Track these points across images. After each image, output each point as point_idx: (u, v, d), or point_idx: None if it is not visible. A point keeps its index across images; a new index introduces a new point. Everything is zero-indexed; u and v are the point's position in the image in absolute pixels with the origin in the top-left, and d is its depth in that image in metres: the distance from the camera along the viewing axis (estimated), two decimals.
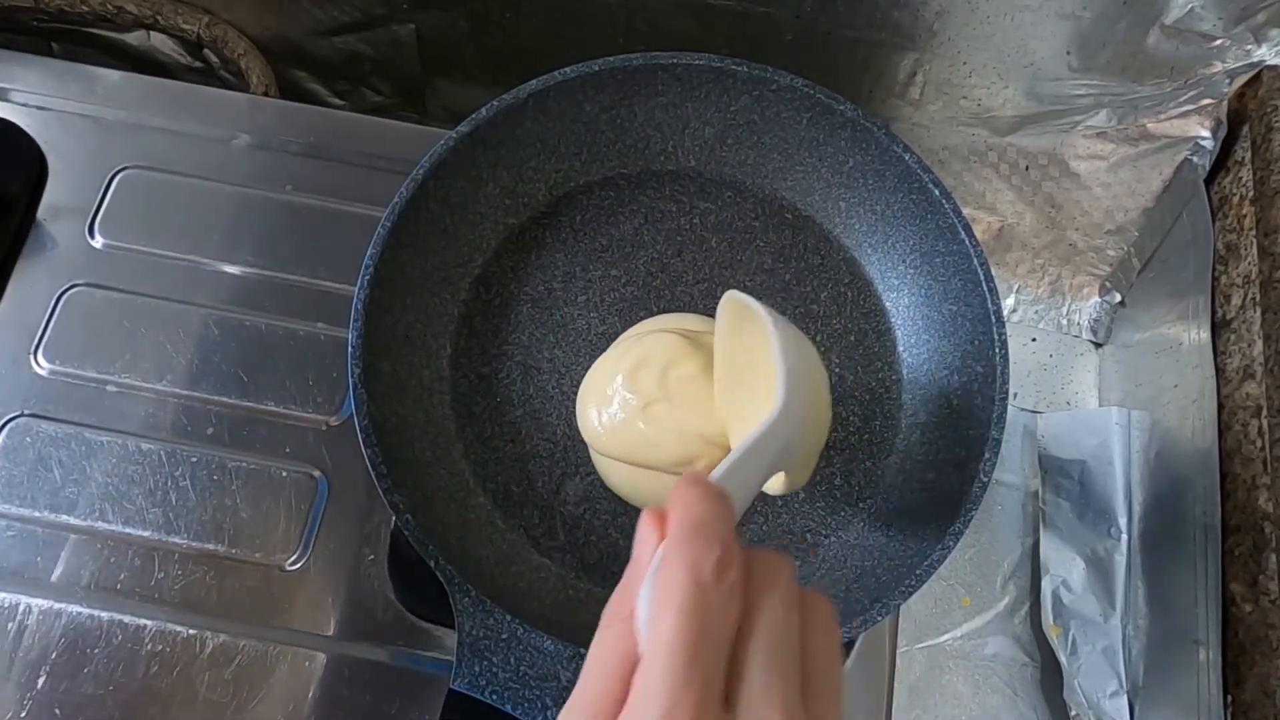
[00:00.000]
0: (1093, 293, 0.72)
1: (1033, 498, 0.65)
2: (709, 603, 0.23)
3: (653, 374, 0.42)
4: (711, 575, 0.23)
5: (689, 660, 0.22)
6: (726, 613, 0.23)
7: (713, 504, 0.25)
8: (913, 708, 0.61)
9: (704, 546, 0.24)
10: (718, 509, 0.25)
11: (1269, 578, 0.49)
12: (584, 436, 0.46)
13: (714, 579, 0.23)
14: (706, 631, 0.23)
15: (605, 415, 0.43)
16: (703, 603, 0.23)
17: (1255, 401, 0.53)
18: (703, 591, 0.23)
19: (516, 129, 0.48)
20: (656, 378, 0.42)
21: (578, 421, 0.46)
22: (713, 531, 0.24)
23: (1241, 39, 0.55)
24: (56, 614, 0.45)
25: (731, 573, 0.23)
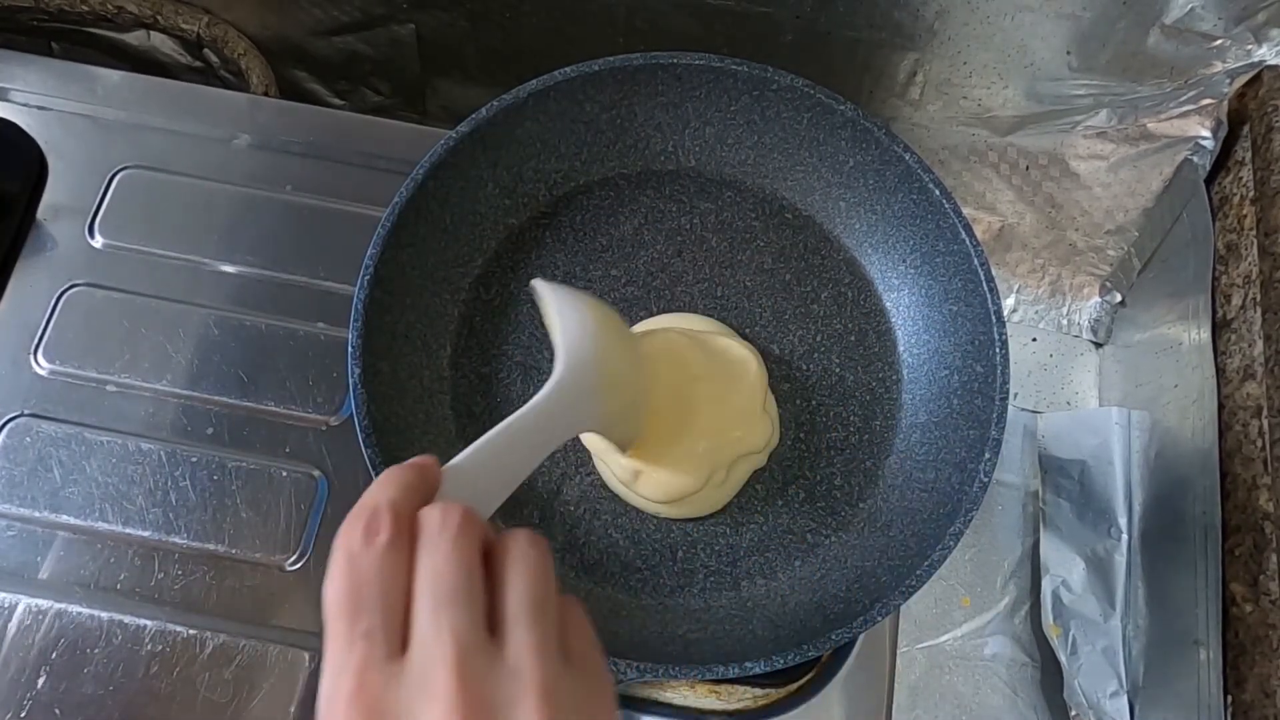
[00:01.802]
0: (1093, 293, 0.72)
1: (1033, 498, 0.65)
2: (359, 566, 0.25)
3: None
4: (359, 542, 0.25)
5: (347, 621, 0.24)
6: (383, 570, 0.25)
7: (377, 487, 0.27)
8: (913, 708, 0.61)
9: (354, 520, 0.26)
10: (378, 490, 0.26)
11: (1269, 578, 0.49)
12: (583, 443, 0.46)
13: (362, 545, 0.25)
14: (360, 590, 0.24)
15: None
16: (352, 568, 0.25)
17: (1255, 401, 0.53)
18: (351, 558, 0.25)
19: (516, 129, 0.48)
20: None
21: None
22: (365, 505, 0.26)
23: (1241, 39, 0.55)
24: (57, 614, 0.45)
25: (381, 536, 0.25)
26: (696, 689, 0.46)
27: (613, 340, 0.38)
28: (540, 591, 0.26)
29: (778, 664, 0.39)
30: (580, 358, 0.35)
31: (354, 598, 0.24)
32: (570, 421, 0.35)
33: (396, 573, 0.25)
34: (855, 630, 0.39)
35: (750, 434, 0.44)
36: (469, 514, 0.26)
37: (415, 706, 0.23)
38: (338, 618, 0.24)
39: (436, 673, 0.23)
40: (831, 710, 0.46)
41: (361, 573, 0.25)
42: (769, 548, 0.45)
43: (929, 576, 0.40)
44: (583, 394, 0.35)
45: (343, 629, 0.24)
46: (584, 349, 0.35)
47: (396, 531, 0.25)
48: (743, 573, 0.45)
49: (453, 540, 0.25)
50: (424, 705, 0.23)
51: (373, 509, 0.26)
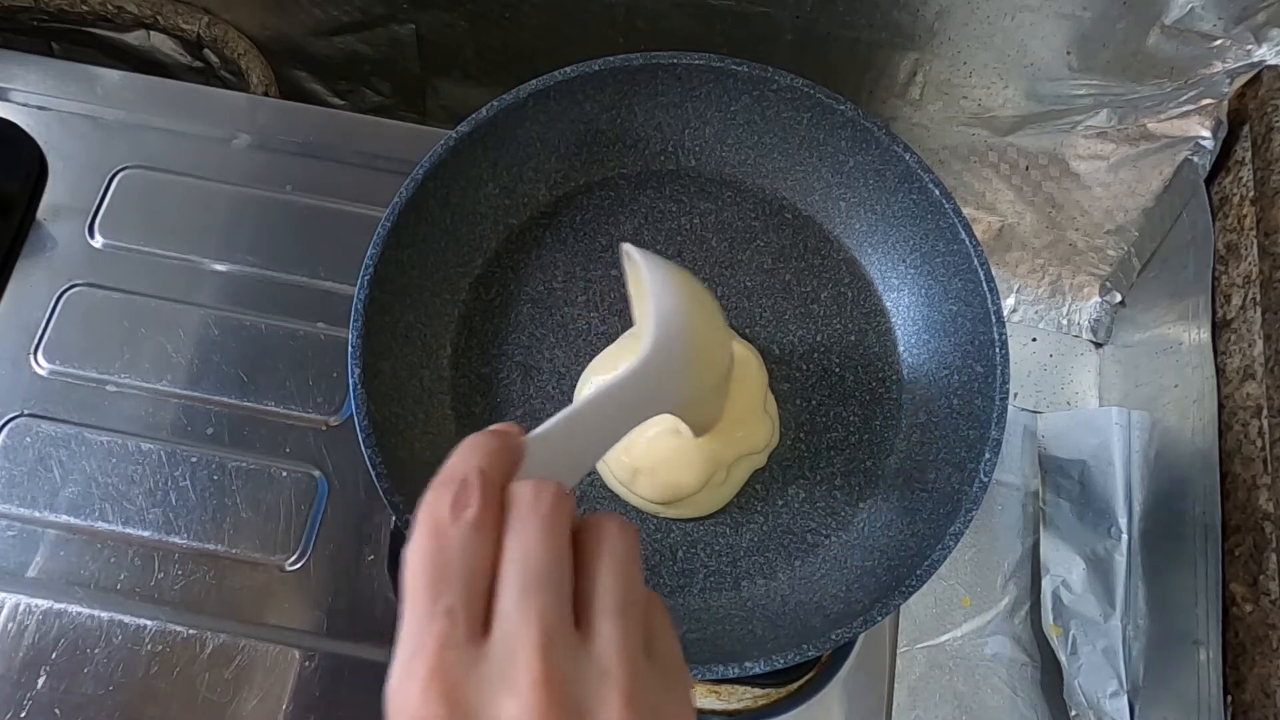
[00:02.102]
0: (1093, 293, 0.72)
1: (1033, 498, 0.65)
2: (445, 539, 0.23)
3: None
4: (447, 514, 0.24)
5: (429, 595, 0.23)
6: (469, 546, 0.23)
7: (462, 456, 0.25)
8: (913, 708, 0.61)
9: (441, 490, 0.24)
10: (464, 458, 0.25)
11: (1269, 578, 0.49)
12: None
13: (450, 517, 0.24)
14: (444, 565, 0.23)
15: None
16: (437, 540, 0.23)
17: (1255, 401, 0.53)
18: (437, 530, 0.24)
19: (516, 129, 0.48)
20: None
21: None
22: (453, 474, 0.25)
23: (1241, 39, 0.55)
24: (57, 614, 0.45)
25: (470, 510, 0.24)
26: (696, 689, 0.46)
27: (705, 317, 0.37)
28: (631, 584, 0.25)
29: (778, 664, 0.39)
30: (671, 333, 0.33)
31: (438, 572, 0.23)
32: (656, 399, 0.33)
33: (483, 549, 0.24)
34: (855, 630, 0.39)
35: (750, 434, 0.44)
36: (561, 493, 0.25)
37: (494, 695, 0.22)
38: (419, 592, 0.23)
39: (520, 661, 0.22)
40: (831, 710, 0.46)
41: (447, 546, 0.23)
42: (769, 548, 0.45)
43: (929, 576, 0.40)
44: (671, 371, 0.33)
45: (423, 604, 0.23)
46: (676, 324, 0.34)
47: (485, 505, 0.24)
48: (743, 573, 0.45)
49: (544, 520, 0.24)
50: (504, 694, 0.22)
51: (461, 479, 0.24)
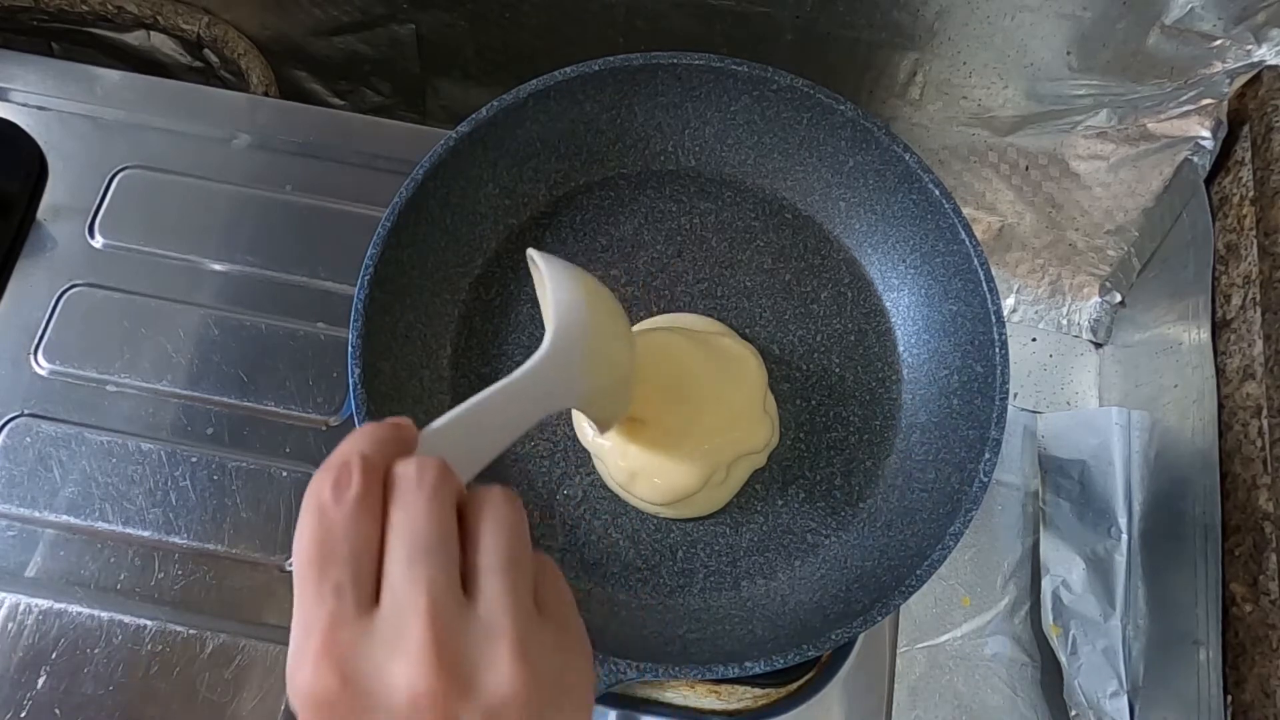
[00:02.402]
0: (1093, 293, 0.72)
1: (1033, 498, 0.65)
2: (329, 520, 0.24)
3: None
4: (329, 496, 0.24)
5: (316, 575, 0.23)
6: (352, 524, 0.24)
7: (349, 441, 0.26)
8: (913, 708, 0.61)
9: (323, 474, 0.25)
10: (352, 442, 0.26)
11: (1269, 578, 0.49)
12: (582, 443, 0.46)
13: (332, 498, 0.24)
14: (329, 545, 0.24)
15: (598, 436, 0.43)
16: (321, 522, 0.24)
17: (1255, 401, 0.53)
18: (321, 511, 0.24)
19: (516, 129, 0.48)
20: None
21: (574, 429, 0.46)
22: (336, 458, 0.25)
23: (1241, 39, 0.55)
24: (57, 614, 0.45)
25: (350, 490, 0.24)
26: (696, 689, 0.46)
27: (604, 316, 0.37)
28: (514, 547, 0.25)
29: (778, 664, 0.39)
30: (569, 331, 0.34)
31: (323, 551, 0.24)
32: (554, 395, 0.34)
33: (368, 527, 0.24)
34: (855, 630, 0.39)
35: (750, 434, 0.44)
36: (444, 468, 0.25)
37: (386, 662, 0.23)
38: (306, 571, 0.24)
39: (409, 627, 0.23)
40: (831, 710, 0.46)
41: (331, 526, 0.24)
42: (769, 548, 0.45)
43: (929, 576, 0.40)
44: (569, 367, 0.34)
45: (311, 584, 0.24)
46: (574, 322, 0.35)
47: (368, 485, 0.25)
48: (742, 573, 0.45)
49: (428, 494, 0.25)
50: (395, 660, 0.23)
51: (343, 462, 0.25)
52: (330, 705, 0.23)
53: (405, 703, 0.22)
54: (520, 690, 0.23)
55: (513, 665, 0.23)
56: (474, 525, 0.25)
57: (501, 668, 0.23)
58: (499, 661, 0.23)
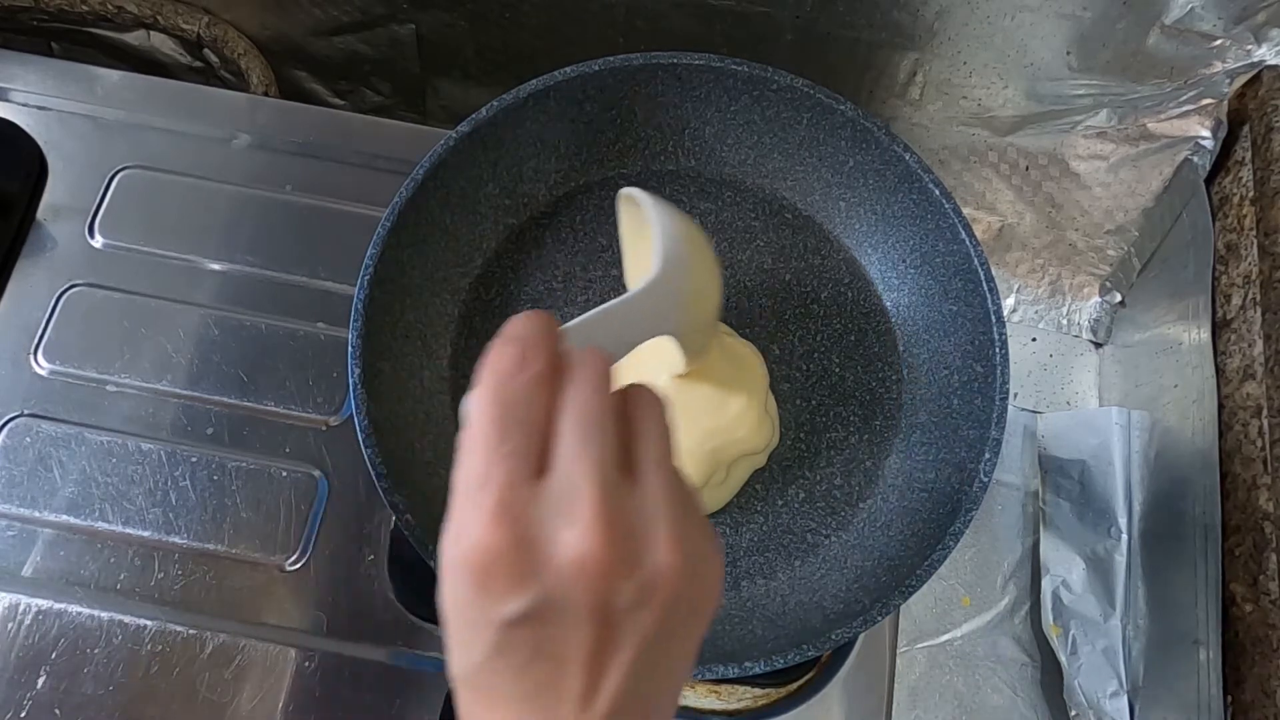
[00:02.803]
0: (1093, 293, 0.72)
1: (1033, 498, 0.65)
2: (511, 389, 0.25)
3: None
4: (512, 366, 0.25)
5: (496, 437, 0.24)
6: (532, 396, 0.25)
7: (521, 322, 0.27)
8: (913, 708, 0.61)
9: (504, 347, 0.26)
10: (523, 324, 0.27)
11: (1269, 578, 0.49)
12: None
13: (514, 369, 0.25)
14: (510, 412, 0.25)
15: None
16: (503, 390, 0.25)
17: (1255, 401, 0.53)
18: (503, 379, 0.25)
19: (516, 129, 0.48)
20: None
21: None
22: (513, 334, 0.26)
23: (1241, 39, 0.55)
24: (57, 614, 0.45)
25: (533, 365, 0.26)
26: (696, 689, 0.46)
27: (702, 253, 0.39)
28: (669, 443, 0.27)
29: (777, 664, 0.39)
30: (675, 262, 0.36)
31: (504, 417, 0.25)
32: (657, 319, 0.36)
33: (543, 401, 0.25)
34: (855, 630, 0.39)
35: (750, 434, 0.44)
36: (608, 360, 0.27)
37: (556, 524, 0.24)
38: (486, 434, 0.25)
39: (580, 497, 0.24)
40: (831, 710, 0.46)
41: (514, 394, 0.25)
42: (769, 548, 0.45)
43: (929, 576, 0.40)
44: (671, 295, 0.36)
45: (490, 445, 0.24)
46: (679, 255, 0.36)
47: (548, 364, 0.26)
48: (742, 573, 0.45)
49: (598, 378, 0.26)
50: (565, 523, 0.24)
51: (525, 340, 0.26)
52: (496, 562, 0.23)
53: (572, 567, 0.23)
54: (673, 571, 0.25)
55: (670, 546, 0.25)
56: (632, 418, 0.27)
57: (660, 547, 0.25)
58: (659, 541, 0.25)
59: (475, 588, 0.24)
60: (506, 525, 0.23)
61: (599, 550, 0.23)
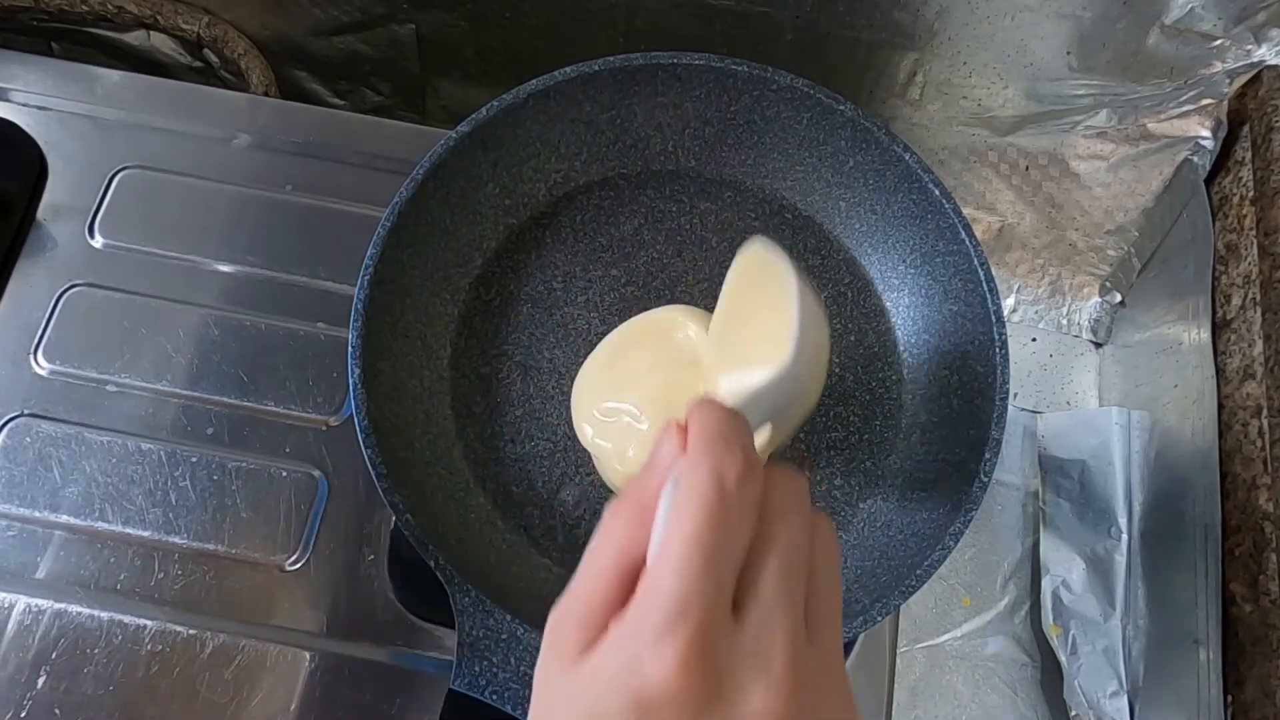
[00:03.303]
0: (1093, 293, 0.72)
1: (1033, 498, 0.65)
2: (730, 511, 0.23)
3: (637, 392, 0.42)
4: (735, 483, 0.23)
5: (704, 565, 0.22)
6: (745, 524, 0.23)
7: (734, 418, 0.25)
8: (913, 708, 0.61)
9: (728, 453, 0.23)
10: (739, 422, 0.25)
11: (1269, 578, 0.49)
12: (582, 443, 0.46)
13: (736, 487, 0.23)
14: (724, 539, 0.22)
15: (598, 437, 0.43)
16: (724, 509, 0.23)
17: (1255, 401, 0.53)
18: (725, 498, 0.23)
19: (516, 129, 0.48)
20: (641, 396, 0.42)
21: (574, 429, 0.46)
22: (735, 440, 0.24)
23: (1241, 39, 0.55)
24: (56, 614, 0.45)
25: (754, 485, 0.23)
26: None
27: (824, 340, 0.37)
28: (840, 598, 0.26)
29: None
30: (808, 348, 0.33)
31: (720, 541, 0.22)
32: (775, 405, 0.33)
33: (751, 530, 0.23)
34: (855, 630, 0.39)
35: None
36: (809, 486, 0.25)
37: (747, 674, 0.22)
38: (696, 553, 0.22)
39: (775, 645, 0.22)
40: None
41: (731, 515, 0.23)
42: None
43: (929, 576, 0.40)
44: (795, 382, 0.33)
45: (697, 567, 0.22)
46: (814, 341, 0.34)
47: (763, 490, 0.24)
48: None
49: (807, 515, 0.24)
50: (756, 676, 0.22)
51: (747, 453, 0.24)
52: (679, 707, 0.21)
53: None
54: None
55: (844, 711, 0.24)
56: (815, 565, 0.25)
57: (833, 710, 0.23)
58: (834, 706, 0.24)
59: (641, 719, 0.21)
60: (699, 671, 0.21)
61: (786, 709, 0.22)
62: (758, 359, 0.34)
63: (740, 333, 0.40)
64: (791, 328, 0.32)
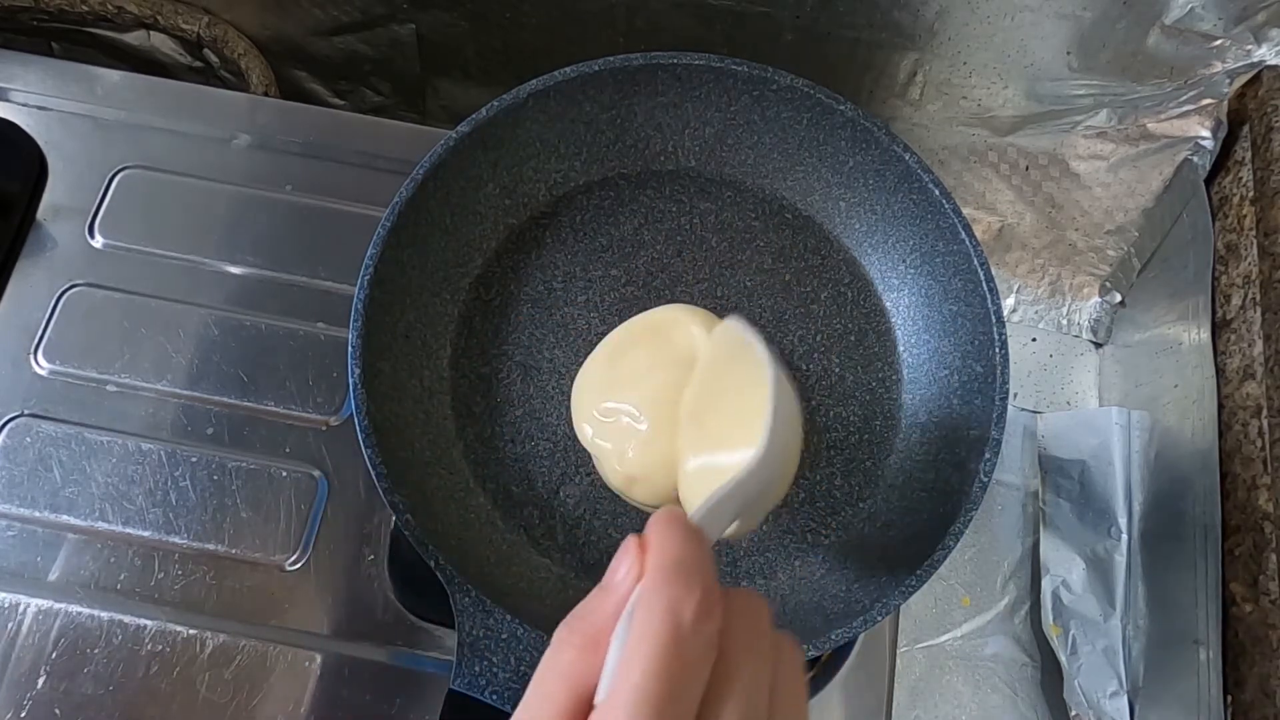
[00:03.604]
0: (1093, 293, 0.72)
1: (1033, 498, 0.65)
2: (685, 652, 0.21)
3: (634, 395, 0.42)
4: (691, 622, 0.21)
5: (662, 703, 0.21)
6: (702, 664, 0.22)
7: (694, 545, 0.23)
8: (913, 708, 0.61)
9: (685, 589, 0.22)
10: (698, 550, 0.23)
11: (1269, 578, 0.49)
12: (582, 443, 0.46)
13: (693, 626, 0.22)
14: (679, 684, 0.21)
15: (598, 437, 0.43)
16: (679, 652, 0.21)
17: (1255, 401, 0.53)
18: (680, 639, 0.21)
19: (516, 129, 0.48)
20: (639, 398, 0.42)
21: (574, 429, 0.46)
22: (694, 573, 0.22)
23: (1241, 39, 0.55)
24: (56, 614, 0.45)
25: (712, 622, 0.22)
26: None
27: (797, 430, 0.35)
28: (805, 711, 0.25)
29: None
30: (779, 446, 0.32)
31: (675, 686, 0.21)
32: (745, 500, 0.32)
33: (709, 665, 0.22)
34: (855, 630, 0.39)
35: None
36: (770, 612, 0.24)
37: None
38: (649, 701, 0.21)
39: None
40: (831, 710, 0.46)
41: (688, 659, 0.21)
42: (769, 548, 0.45)
43: (929, 576, 0.40)
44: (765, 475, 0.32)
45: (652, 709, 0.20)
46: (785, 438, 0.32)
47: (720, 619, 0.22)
48: (742, 573, 0.45)
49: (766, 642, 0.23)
50: None
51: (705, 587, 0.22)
52: None
53: None
54: None
55: None
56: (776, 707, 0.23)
57: None
58: None
59: None
60: None
61: None
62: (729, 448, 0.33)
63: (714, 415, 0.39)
64: (764, 424, 0.31)
